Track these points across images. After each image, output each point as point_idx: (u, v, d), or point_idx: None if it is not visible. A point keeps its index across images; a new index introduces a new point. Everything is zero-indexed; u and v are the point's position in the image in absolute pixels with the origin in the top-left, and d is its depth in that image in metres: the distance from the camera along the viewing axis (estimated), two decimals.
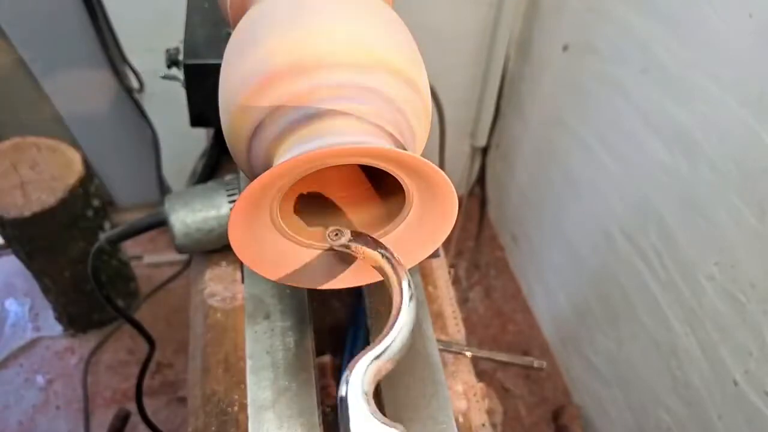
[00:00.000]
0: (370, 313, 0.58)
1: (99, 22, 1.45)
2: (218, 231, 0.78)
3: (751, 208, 0.97)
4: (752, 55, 0.92)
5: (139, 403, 1.06)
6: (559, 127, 1.55)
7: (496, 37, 1.63)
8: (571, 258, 1.60)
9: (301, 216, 0.47)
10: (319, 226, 0.46)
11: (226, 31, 0.78)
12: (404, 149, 0.42)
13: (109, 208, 1.63)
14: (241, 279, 0.78)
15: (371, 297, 0.59)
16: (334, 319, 0.35)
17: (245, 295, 0.60)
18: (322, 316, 0.59)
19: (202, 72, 0.76)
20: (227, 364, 0.72)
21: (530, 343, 1.85)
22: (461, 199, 2.06)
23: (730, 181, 1.00)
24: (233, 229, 0.40)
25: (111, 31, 1.49)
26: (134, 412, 1.39)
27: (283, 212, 0.43)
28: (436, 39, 1.62)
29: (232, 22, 0.55)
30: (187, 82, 0.78)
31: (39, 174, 1.40)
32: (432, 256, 0.47)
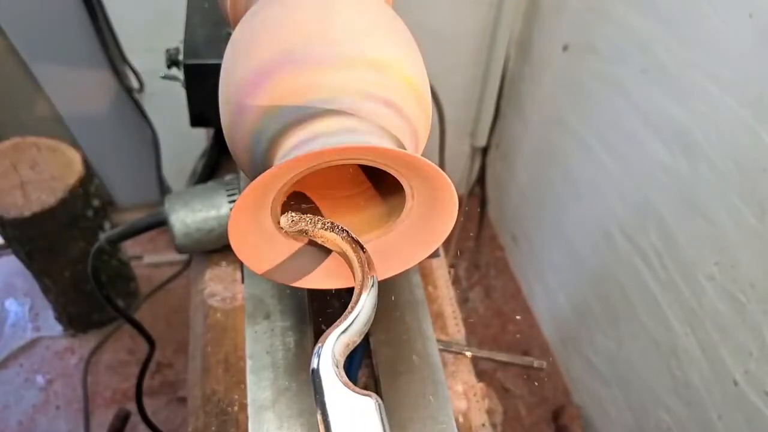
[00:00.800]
0: None
1: (99, 22, 1.45)
2: (218, 231, 0.78)
3: (751, 208, 0.97)
4: (752, 55, 0.92)
5: (139, 403, 1.06)
6: (559, 127, 1.55)
7: (496, 37, 1.63)
8: (571, 258, 1.60)
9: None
10: None
11: (226, 31, 0.78)
12: (404, 149, 0.42)
13: (109, 208, 1.63)
14: (241, 279, 0.78)
15: None
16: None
17: (245, 295, 0.60)
18: (322, 316, 0.59)
19: (202, 72, 0.76)
20: (227, 364, 0.72)
21: (530, 343, 1.84)
22: (461, 199, 2.06)
23: (730, 181, 1.00)
24: (233, 229, 0.40)
25: (111, 31, 1.49)
26: (134, 412, 1.39)
27: (284, 212, 0.43)
28: (436, 39, 1.62)
29: (232, 22, 0.55)
30: (187, 82, 0.78)
31: (39, 174, 1.40)
32: (432, 256, 0.47)
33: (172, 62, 0.92)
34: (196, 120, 0.83)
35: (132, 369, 1.70)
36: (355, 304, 0.37)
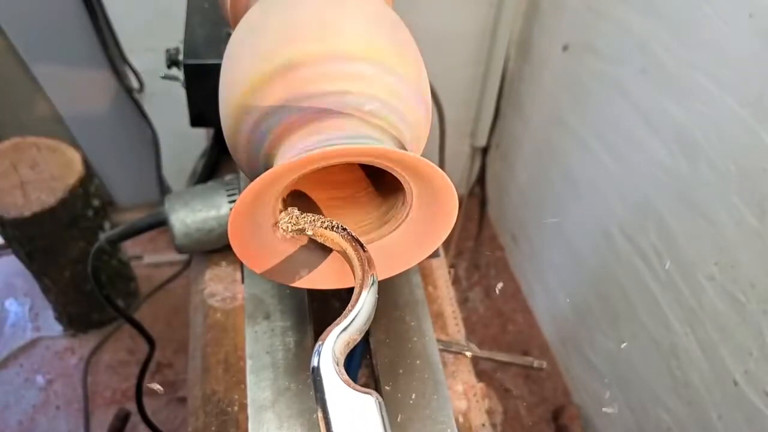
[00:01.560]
0: None
1: (99, 21, 1.45)
2: (218, 231, 0.78)
3: (751, 208, 0.97)
4: (752, 55, 0.92)
5: (139, 403, 1.06)
6: (559, 127, 1.55)
7: (496, 37, 1.63)
8: (571, 258, 1.60)
9: None
10: None
11: (226, 31, 0.78)
12: (405, 150, 0.42)
13: (109, 208, 1.63)
14: (241, 279, 0.78)
15: None
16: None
17: (245, 295, 0.60)
18: (322, 316, 0.59)
19: (202, 72, 0.76)
20: (227, 364, 0.72)
21: (530, 343, 1.84)
22: (461, 199, 2.06)
23: (730, 181, 1.00)
24: (233, 229, 0.40)
25: (111, 31, 1.49)
26: (134, 412, 1.39)
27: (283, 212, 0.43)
28: (436, 39, 1.62)
29: (232, 22, 0.55)
30: (187, 82, 0.78)
31: (39, 174, 1.40)
32: (432, 256, 0.47)
33: (172, 62, 0.92)
34: (196, 120, 0.83)
35: (132, 369, 1.70)
36: (356, 302, 0.37)
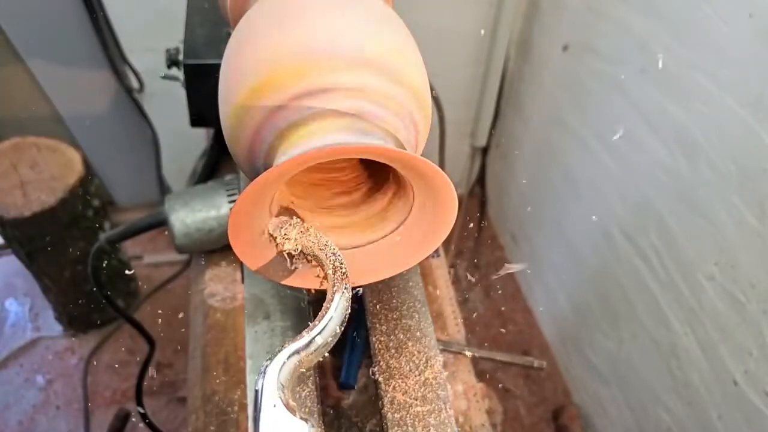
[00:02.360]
0: (369, 313, 0.58)
1: (99, 22, 1.45)
2: (218, 231, 0.78)
3: (751, 208, 0.97)
4: (752, 55, 0.92)
5: (139, 403, 1.06)
6: (559, 127, 1.55)
7: (496, 37, 1.63)
8: (571, 258, 1.60)
9: (301, 216, 0.46)
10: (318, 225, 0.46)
11: (226, 31, 0.78)
12: (404, 149, 0.42)
13: (109, 208, 1.63)
14: (241, 279, 0.78)
15: (371, 297, 0.59)
16: None
17: (245, 295, 0.60)
18: None
19: (202, 72, 0.76)
20: (227, 364, 0.72)
21: (530, 343, 1.84)
22: (461, 199, 2.06)
23: (730, 181, 1.00)
24: (233, 229, 0.40)
25: (111, 31, 1.49)
26: (134, 412, 1.39)
27: (280, 214, 0.43)
28: (436, 39, 1.62)
29: (232, 22, 0.55)
30: (187, 82, 0.78)
31: (39, 174, 1.40)
32: (432, 256, 0.47)
33: (172, 62, 0.92)
34: (196, 120, 0.83)
35: (132, 369, 1.69)
36: (319, 321, 0.36)
